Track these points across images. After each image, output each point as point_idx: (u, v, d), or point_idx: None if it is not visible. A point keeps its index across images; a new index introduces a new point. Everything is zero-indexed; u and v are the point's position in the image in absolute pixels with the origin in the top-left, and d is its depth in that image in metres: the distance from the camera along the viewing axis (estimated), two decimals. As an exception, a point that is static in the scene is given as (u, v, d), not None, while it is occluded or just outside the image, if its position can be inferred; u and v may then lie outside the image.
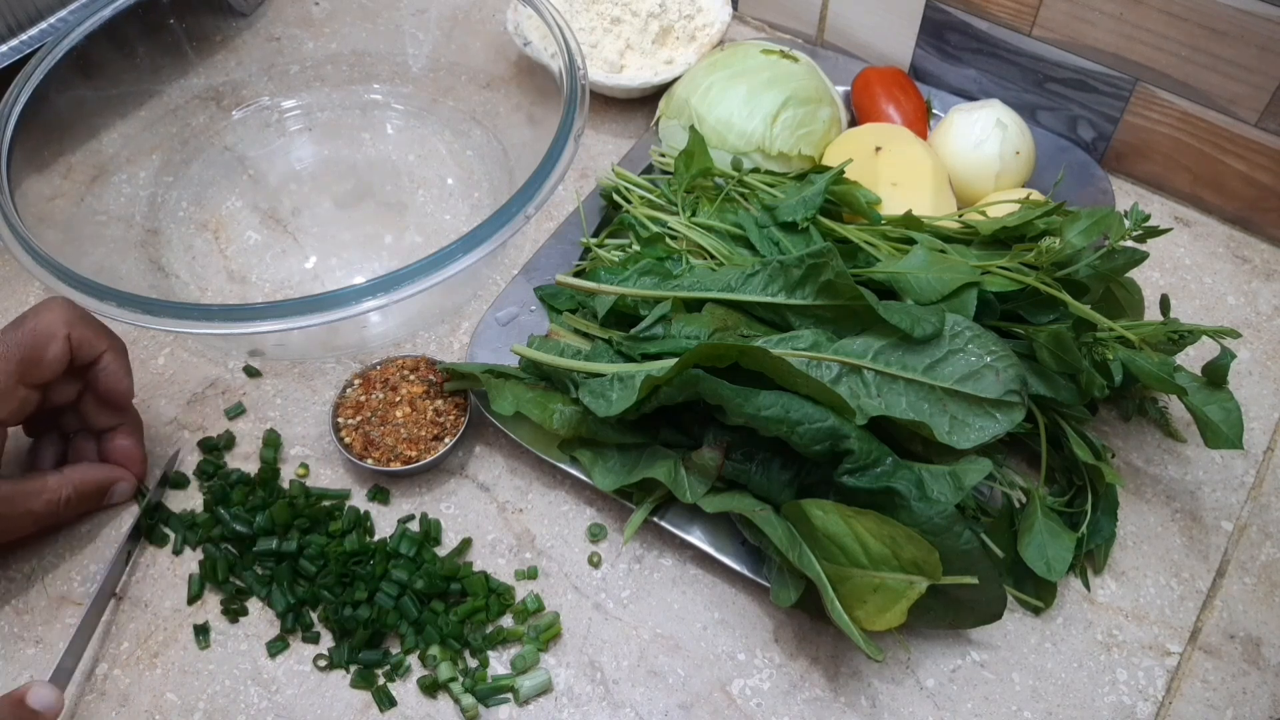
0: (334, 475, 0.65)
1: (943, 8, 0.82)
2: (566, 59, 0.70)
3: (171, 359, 0.72)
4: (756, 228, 0.67)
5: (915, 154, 0.74)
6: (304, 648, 0.58)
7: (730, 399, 0.54)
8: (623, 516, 0.63)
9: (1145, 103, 0.77)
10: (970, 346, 0.56)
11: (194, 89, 0.85)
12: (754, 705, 0.56)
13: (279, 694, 0.57)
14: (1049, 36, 0.78)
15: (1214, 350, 0.59)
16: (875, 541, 0.51)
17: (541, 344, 0.64)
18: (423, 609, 0.58)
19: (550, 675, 0.57)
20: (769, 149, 0.75)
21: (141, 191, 0.80)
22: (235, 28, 0.91)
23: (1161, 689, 0.57)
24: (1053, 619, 0.59)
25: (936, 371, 0.56)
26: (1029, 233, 0.62)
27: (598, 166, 0.83)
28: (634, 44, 0.86)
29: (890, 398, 0.56)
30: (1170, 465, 0.66)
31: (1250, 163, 0.75)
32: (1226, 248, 0.78)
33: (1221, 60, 0.71)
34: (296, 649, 0.58)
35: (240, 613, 0.59)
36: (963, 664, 0.58)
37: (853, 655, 0.58)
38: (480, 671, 0.57)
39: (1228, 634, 0.59)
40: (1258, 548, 0.62)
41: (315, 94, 0.87)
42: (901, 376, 0.56)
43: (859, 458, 0.53)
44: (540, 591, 0.60)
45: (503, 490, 0.65)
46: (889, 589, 0.50)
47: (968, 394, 0.55)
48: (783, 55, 0.79)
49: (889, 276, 0.61)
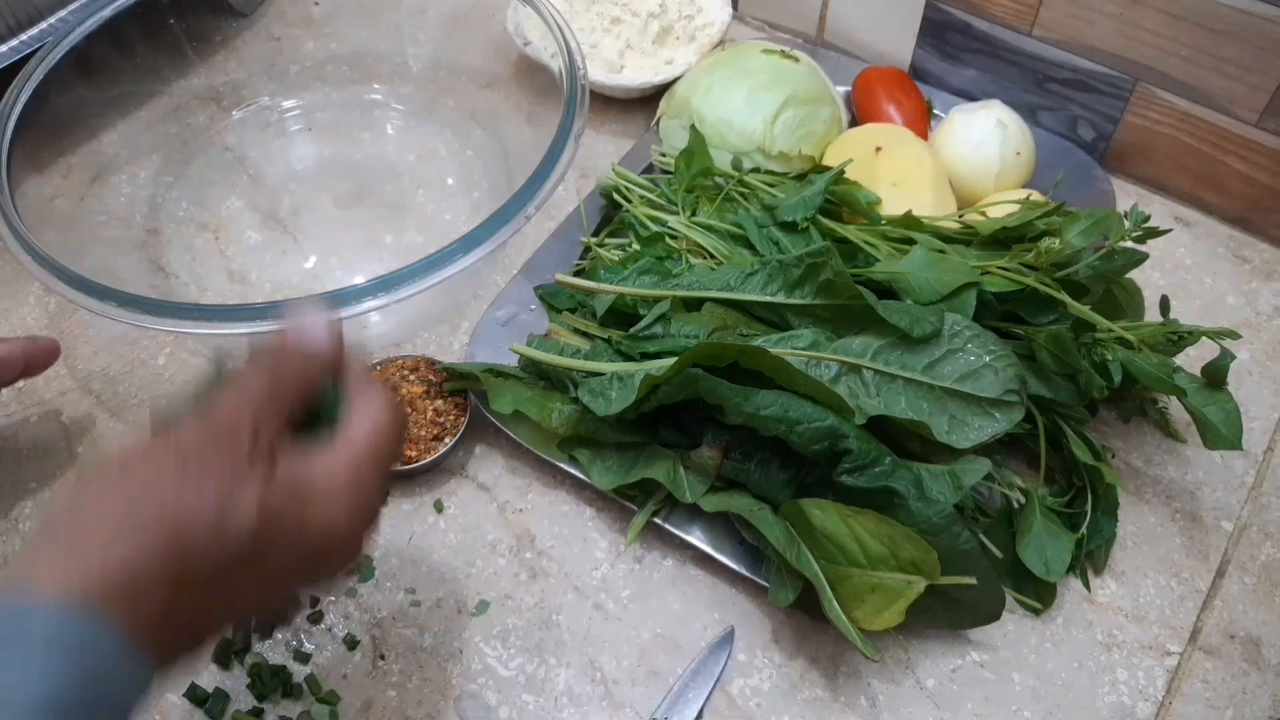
0: (334, 475, 0.65)
1: (943, 8, 0.82)
2: (566, 59, 0.70)
3: (171, 359, 0.72)
4: (756, 227, 0.67)
5: (915, 154, 0.74)
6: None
7: (729, 398, 0.54)
8: (623, 516, 0.63)
9: (1145, 103, 0.77)
10: (969, 346, 0.56)
11: (194, 89, 0.85)
12: (754, 705, 0.56)
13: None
14: (1049, 36, 0.78)
15: (1214, 350, 0.59)
16: (874, 541, 0.51)
17: (541, 343, 0.64)
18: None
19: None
20: (769, 149, 0.75)
21: (141, 192, 0.80)
22: (235, 28, 0.91)
23: (1161, 689, 0.57)
24: (1053, 619, 0.59)
25: (935, 371, 0.56)
26: (1029, 233, 0.62)
27: (598, 166, 0.83)
28: (634, 44, 0.86)
29: (889, 397, 0.56)
30: (1170, 465, 0.66)
31: (1250, 163, 0.75)
32: (1227, 248, 0.78)
33: (1221, 60, 0.71)
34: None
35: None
36: (963, 664, 0.58)
37: (852, 655, 0.58)
38: None
39: (1228, 634, 0.59)
40: (1257, 548, 0.62)
41: (315, 94, 0.87)
42: (901, 376, 0.56)
43: (857, 457, 0.53)
44: (540, 591, 0.60)
45: (503, 490, 0.65)
46: (887, 589, 0.50)
47: (967, 393, 0.55)
48: (783, 55, 0.79)
49: (888, 276, 0.61)
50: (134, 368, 0.71)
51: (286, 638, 0.59)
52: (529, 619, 0.60)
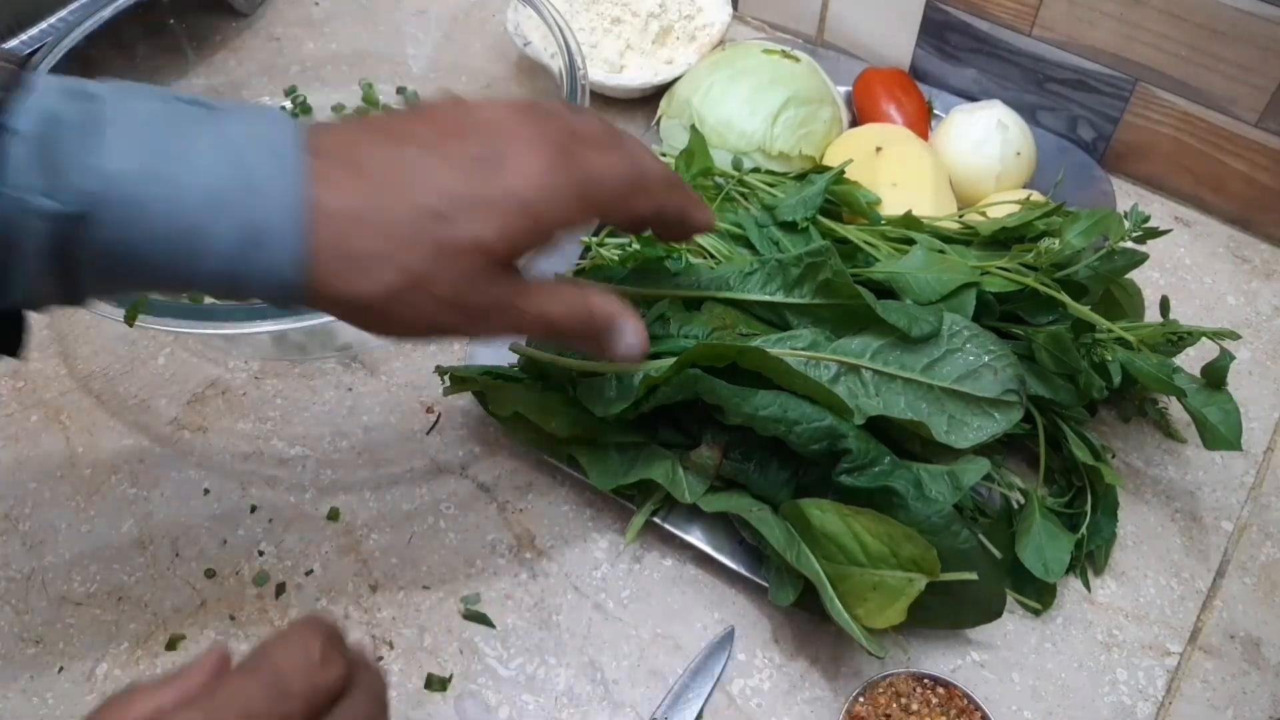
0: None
1: (943, 8, 0.82)
2: (567, 59, 0.70)
3: (171, 359, 0.72)
4: (756, 227, 0.67)
5: (916, 154, 0.74)
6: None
7: (728, 398, 0.54)
8: (623, 516, 0.63)
9: (1145, 103, 0.77)
10: (968, 346, 0.56)
11: (194, 89, 0.85)
12: (754, 705, 0.56)
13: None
14: (1049, 37, 0.78)
15: (1214, 350, 0.59)
16: (873, 540, 0.51)
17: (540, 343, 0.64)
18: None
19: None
20: (770, 149, 0.75)
21: (142, 191, 0.80)
22: (235, 28, 0.91)
23: (1161, 689, 0.57)
24: (1053, 619, 0.59)
25: (935, 371, 0.56)
26: (1029, 233, 0.62)
27: (598, 166, 0.83)
28: (634, 44, 0.86)
29: (888, 398, 0.56)
30: (1170, 466, 0.66)
31: (1250, 163, 0.75)
32: (1226, 248, 0.78)
33: (1221, 60, 0.71)
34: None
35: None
36: (963, 664, 0.58)
37: (853, 655, 0.58)
38: None
39: (1228, 634, 0.59)
40: (1257, 548, 0.62)
41: (315, 94, 0.87)
42: (900, 376, 0.56)
43: (856, 457, 0.53)
44: (540, 591, 0.60)
45: (503, 490, 0.65)
46: (888, 587, 0.50)
47: (966, 393, 0.55)
48: (784, 55, 0.79)
49: (888, 276, 0.61)
50: (134, 368, 0.71)
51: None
52: (529, 619, 0.60)
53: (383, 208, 0.39)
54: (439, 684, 0.57)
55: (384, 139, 0.41)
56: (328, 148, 0.39)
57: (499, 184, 0.40)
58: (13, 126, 0.35)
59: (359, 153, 0.40)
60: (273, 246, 0.38)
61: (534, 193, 0.41)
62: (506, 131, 0.41)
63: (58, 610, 0.60)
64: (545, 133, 0.42)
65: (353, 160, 0.39)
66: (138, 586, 0.61)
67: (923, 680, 0.55)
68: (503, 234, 0.41)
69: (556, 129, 0.42)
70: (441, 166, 0.40)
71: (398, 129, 0.41)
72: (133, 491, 0.65)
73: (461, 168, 0.40)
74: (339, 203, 0.39)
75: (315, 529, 0.63)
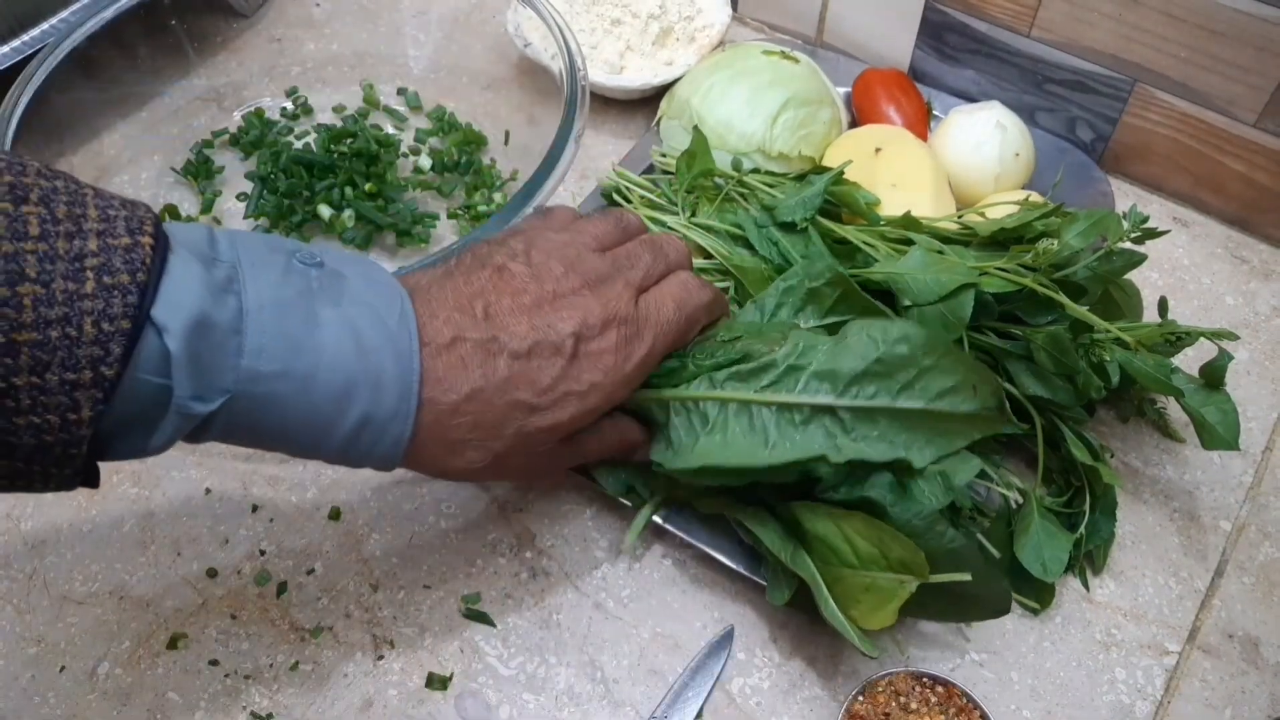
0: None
1: (942, 9, 0.82)
2: (567, 60, 0.70)
3: (173, 359, 0.72)
4: (756, 228, 0.67)
5: (915, 155, 0.74)
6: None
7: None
8: (623, 516, 0.63)
9: (1144, 104, 0.77)
10: (943, 362, 0.53)
11: (195, 90, 0.86)
12: (754, 704, 0.57)
13: (284, 703, 0.57)
14: (1048, 38, 0.78)
15: (1213, 350, 0.59)
16: (863, 542, 0.51)
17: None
18: None
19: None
20: (769, 150, 0.75)
21: (143, 192, 0.80)
22: (236, 29, 0.91)
23: (1160, 688, 0.57)
24: (1051, 618, 0.59)
25: (911, 391, 0.52)
26: (1027, 234, 0.62)
27: (598, 167, 0.83)
28: (634, 45, 0.86)
29: (866, 443, 0.52)
30: (1168, 465, 0.66)
31: (1249, 163, 0.75)
32: (1225, 248, 0.78)
33: (1221, 61, 0.71)
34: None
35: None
36: (961, 663, 0.58)
37: (852, 654, 0.58)
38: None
39: (1226, 633, 0.59)
40: (1256, 547, 0.63)
41: (316, 95, 0.87)
42: (875, 408, 0.52)
43: (827, 481, 0.52)
44: (540, 591, 0.61)
45: (503, 490, 0.65)
46: (880, 588, 0.50)
47: (944, 411, 0.52)
48: (783, 56, 0.80)
49: (887, 277, 0.61)
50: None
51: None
52: (529, 618, 0.60)
53: (479, 401, 0.46)
54: (439, 683, 0.57)
55: (484, 322, 0.47)
56: (438, 338, 0.46)
57: (578, 379, 0.48)
58: (162, 323, 0.37)
59: (463, 349, 0.46)
60: (386, 433, 0.44)
61: (609, 380, 0.49)
62: (588, 326, 0.49)
63: (59, 609, 0.60)
64: (612, 311, 0.50)
65: (457, 355, 0.46)
66: (139, 586, 0.61)
67: (922, 679, 0.55)
68: (577, 418, 0.49)
69: (623, 306, 0.50)
70: (531, 370, 0.47)
71: (493, 309, 0.48)
72: (134, 491, 0.65)
73: (550, 369, 0.48)
74: (445, 399, 0.45)
75: (316, 528, 0.64)
